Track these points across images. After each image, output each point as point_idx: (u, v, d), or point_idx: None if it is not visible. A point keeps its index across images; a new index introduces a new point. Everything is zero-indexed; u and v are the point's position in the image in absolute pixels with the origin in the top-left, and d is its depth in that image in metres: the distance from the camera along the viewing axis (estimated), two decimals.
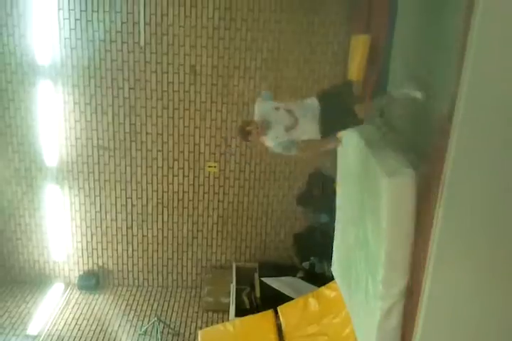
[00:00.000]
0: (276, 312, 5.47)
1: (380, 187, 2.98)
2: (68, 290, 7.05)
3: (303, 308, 5.27)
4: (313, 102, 3.57)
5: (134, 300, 6.91)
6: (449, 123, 2.64)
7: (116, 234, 6.98)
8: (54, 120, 6.48)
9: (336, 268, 4.65)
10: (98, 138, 6.56)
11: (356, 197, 3.69)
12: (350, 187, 3.94)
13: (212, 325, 6.25)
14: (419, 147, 3.31)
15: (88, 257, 7.09)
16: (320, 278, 5.91)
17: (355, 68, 4.77)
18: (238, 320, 5.61)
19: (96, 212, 6.88)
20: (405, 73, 3.97)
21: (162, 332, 6.17)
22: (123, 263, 7.12)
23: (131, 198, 6.82)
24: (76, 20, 6.11)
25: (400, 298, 3.09)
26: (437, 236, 2.76)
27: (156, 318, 6.14)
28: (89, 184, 6.76)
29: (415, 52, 3.79)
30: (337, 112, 3.52)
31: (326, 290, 5.19)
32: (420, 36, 3.69)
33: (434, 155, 2.83)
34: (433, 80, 3.39)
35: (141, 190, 6.78)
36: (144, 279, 7.20)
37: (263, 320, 5.46)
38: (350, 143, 3.86)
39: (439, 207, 2.73)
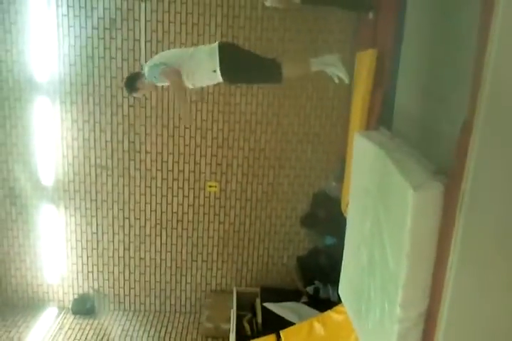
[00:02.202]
0: (278, 337, 5.20)
1: (404, 202, 2.78)
2: (62, 315, 6.77)
3: (308, 333, 4.99)
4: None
5: (130, 326, 6.63)
6: (468, 133, 2.48)
7: (113, 256, 6.74)
8: (51, 138, 6.32)
9: (343, 291, 4.42)
10: (96, 157, 6.40)
11: (372, 214, 3.50)
12: (364, 204, 3.74)
13: None
14: (434, 157, 3.14)
15: (83, 280, 6.83)
16: (325, 303, 5.66)
17: (362, 84, 4.66)
18: None
19: (92, 233, 6.66)
20: (414, 87, 3.84)
21: None
22: (119, 287, 6.87)
23: (129, 219, 6.61)
24: (75, 36, 6.01)
25: (419, 321, 2.87)
26: (456, 257, 2.57)
27: None
28: (85, 204, 6.56)
29: (425, 65, 3.66)
30: None
31: (332, 314, 4.93)
32: (430, 47, 3.57)
33: (453, 166, 2.66)
34: (445, 93, 3.25)
35: (140, 211, 6.58)
36: (140, 304, 6.94)
37: None
38: (367, 154, 3.69)
39: (459, 223, 2.55)
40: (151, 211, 6.58)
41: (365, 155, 3.83)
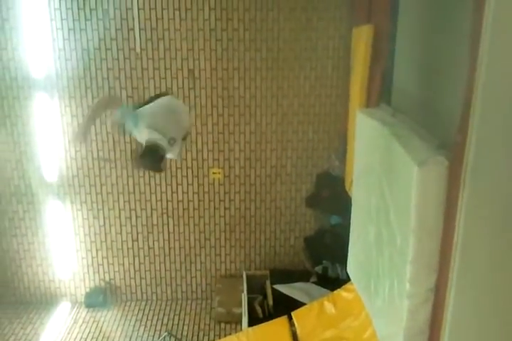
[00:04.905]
0: (290, 318, 5.25)
1: (409, 178, 2.78)
2: (75, 309, 6.83)
3: (318, 312, 5.05)
4: None
5: (143, 315, 6.70)
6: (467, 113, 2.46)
7: (122, 248, 6.78)
8: (52, 134, 6.32)
9: (352, 269, 4.45)
10: (98, 150, 6.40)
11: (377, 191, 3.50)
12: (369, 181, 3.74)
13: (225, 336, 6.02)
14: (436, 131, 3.13)
15: (94, 273, 6.89)
16: (334, 281, 5.72)
17: (360, 60, 4.63)
18: (251, 328, 5.38)
19: (100, 226, 6.69)
20: (412, 61, 3.81)
21: None
22: (130, 278, 6.92)
23: (135, 209, 6.64)
24: (69, 30, 5.97)
25: (428, 296, 2.89)
26: (462, 231, 2.57)
27: (167, 333, 5.92)
28: (91, 197, 6.58)
29: (422, 39, 3.63)
30: None
31: (342, 293, 4.98)
32: (427, 21, 3.53)
33: (456, 141, 2.65)
34: (443, 68, 3.23)
35: (145, 201, 6.60)
36: (152, 293, 7.00)
37: (277, 327, 5.23)
38: (369, 132, 3.68)
39: (463, 197, 2.55)
40: (156, 201, 6.60)
41: (367, 133, 3.82)
